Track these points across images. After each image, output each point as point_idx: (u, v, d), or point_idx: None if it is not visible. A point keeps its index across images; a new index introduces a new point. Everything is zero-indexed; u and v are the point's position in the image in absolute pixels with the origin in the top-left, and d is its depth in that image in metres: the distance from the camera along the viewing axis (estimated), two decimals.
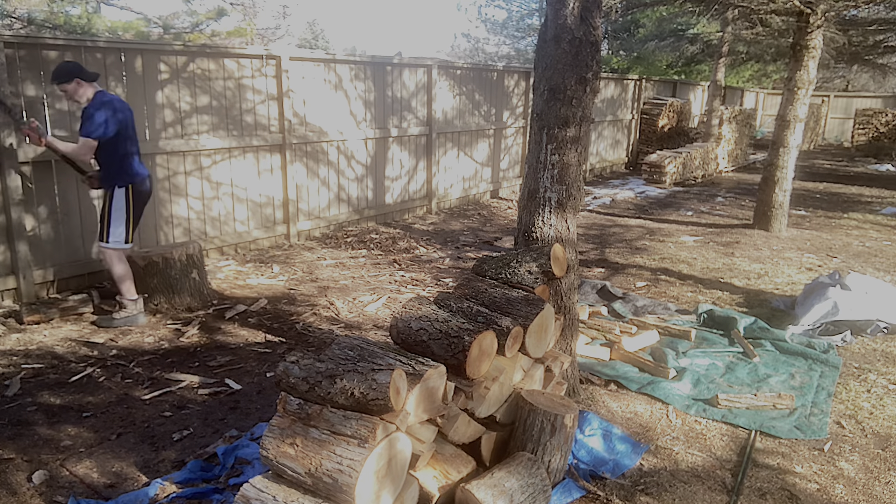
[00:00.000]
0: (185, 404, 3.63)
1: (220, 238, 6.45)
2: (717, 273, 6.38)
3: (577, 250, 3.61)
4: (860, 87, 26.92)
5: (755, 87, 23.73)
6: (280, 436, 2.23)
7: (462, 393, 2.61)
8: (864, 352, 4.57)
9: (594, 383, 3.93)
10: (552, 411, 2.73)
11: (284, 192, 6.98)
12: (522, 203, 3.57)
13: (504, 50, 30.86)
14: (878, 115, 19.12)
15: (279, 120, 6.81)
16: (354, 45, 55.03)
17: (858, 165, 16.09)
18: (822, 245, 7.70)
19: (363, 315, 5.10)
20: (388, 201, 8.44)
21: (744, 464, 3.15)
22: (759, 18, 9.15)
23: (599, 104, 12.85)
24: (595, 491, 2.87)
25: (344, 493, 2.08)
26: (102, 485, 2.88)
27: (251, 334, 4.66)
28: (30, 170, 4.99)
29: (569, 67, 3.26)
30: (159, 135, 5.83)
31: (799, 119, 7.86)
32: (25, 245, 4.98)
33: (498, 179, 10.56)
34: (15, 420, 3.41)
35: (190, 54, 5.98)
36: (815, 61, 7.71)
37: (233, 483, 2.84)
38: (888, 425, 3.58)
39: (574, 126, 3.35)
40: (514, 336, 2.73)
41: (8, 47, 4.77)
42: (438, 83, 8.86)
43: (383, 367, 2.18)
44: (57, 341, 4.41)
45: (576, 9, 3.19)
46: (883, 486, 3.03)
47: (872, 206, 10.39)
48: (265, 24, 23.82)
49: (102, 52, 5.33)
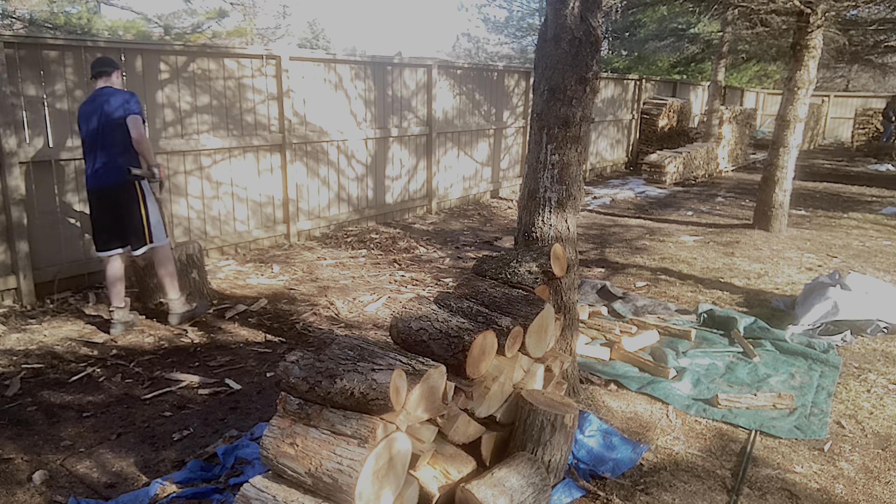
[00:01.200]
0: (185, 404, 3.63)
1: (221, 238, 6.45)
2: (717, 273, 6.38)
3: (577, 250, 3.61)
4: (860, 87, 26.92)
5: (755, 87, 23.75)
6: (280, 436, 2.23)
7: (462, 393, 2.61)
8: (864, 352, 4.57)
9: (594, 383, 3.93)
10: (552, 411, 2.73)
11: (284, 192, 6.98)
12: (522, 203, 3.57)
13: (504, 50, 30.87)
14: (878, 115, 19.10)
15: (279, 120, 6.81)
16: (355, 45, 55.08)
17: (858, 165, 16.09)
18: (822, 245, 7.70)
19: (363, 315, 5.10)
20: (388, 201, 8.44)
21: (744, 464, 3.15)
22: (760, 18, 9.14)
23: (599, 104, 12.85)
24: (595, 491, 2.87)
25: (344, 492, 2.08)
26: (102, 485, 2.88)
27: (251, 334, 4.66)
28: (30, 169, 4.99)
29: (569, 67, 3.26)
30: (160, 134, 5.83)
31: (799, 119, 7.86)
32: (26, 245, 4.98)
33: (498, 179, 10.56)
34: (15, 420, 3.41)
35: (190, 54, 5.98)
36: (816, 61, 7.71)
37: (233, 483, 2.84)
38: (888, 425, 3.58)
39: (574, 126, 3.35)
40: (514, 336, 2.73)
41: (8, 47, 4.77)
42: (439, 83, 8.86)
43: (383, 367, 2.18)
44: (57, 341, 4.41)
45: (576, 8, 3.19)
46: (883, 486, 3.03)
47: (872, 206, 10.38)
48: (265, 24, 23.81)
49: (103, 51, 5.33)
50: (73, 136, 5.21)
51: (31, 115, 4.98)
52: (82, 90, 5.24)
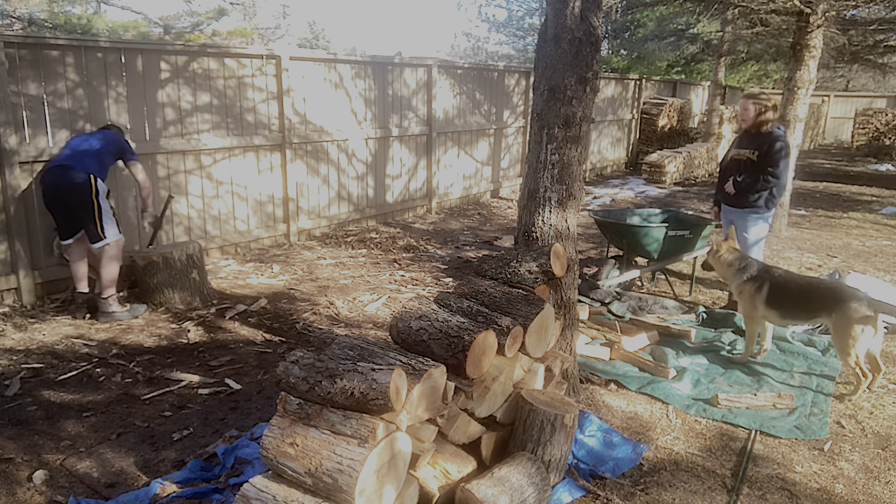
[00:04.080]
0: (185, 404, 3.63)
1: (222, 237, 6.45)
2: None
3: (577, 249, 3.61)
4: (860, 87, 26.91)
5: (755, 86, 23.72)
6: (280, 436, 2.23)
7: (462, 392, 2.61)
8: None
9: (594, 383, 3.93)
10: (552, 411, 2.73)
11: (285, 191, 6.98)
12: (522, 202, 3.57)
13: (504, 49, 30.85)
14: (878, 115, 19.10)
15: (279, 119, 6.81)
16: (354, 44, 55.03)
17: (858, 165, 16.09)
18: (822, 245, 7.70)
19: (363, 314, 5.10)
20: (388, 200, 8.44)
21: (744, 463, 3.15)
22: (759, 18, 9.14)
23: (600, 103, 12.85)
24: (595, 491, 2.87)
25: (344, 492, 2.08)
26: (102, 484, 2.88)
27: (251, 334, 4.66)
28: (31, 168, 4.99)
29: (569, 67, 3.26)
30: (160, 134, 5.83)
31: (799, 119, 7.86)
32: (26, 243, 4.98)
33: (498, 179, 10.56)
34: (15, 420, 3.41)
35: (190, 54, 5.98)
36: (816, 61, 7.71)
37: (233, 483, 2.84)
38: (888, 425, 3.58)
39: (574, 126, 3.35)
40: (515, 336, 2.73)
41: (9, 47, 4.77)
42: (439, 82, 8.86)
43: (383, 367, 2.18)
44: (57, 340, 4.41)
45: (576, 8, 3.19)
46: (883, 486, 3.03)
47: (872, 206, 10.38)
48: (265, 24, 23.83)
49: (103, 51, 5.33)
50: (73, 136, 5.21)
51: (32, 115, 4.98)
52: (82, 90, 5.24)
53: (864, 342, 3.76)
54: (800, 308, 4.06)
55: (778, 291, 4.12)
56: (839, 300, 3.84)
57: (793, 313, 4.10)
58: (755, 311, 4.20)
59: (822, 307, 3.92)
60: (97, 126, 5.27)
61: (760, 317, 4.22)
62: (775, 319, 4.21)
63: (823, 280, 4.81)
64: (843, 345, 3.79)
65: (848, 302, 3.79)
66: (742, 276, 4.29)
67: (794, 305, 4.07)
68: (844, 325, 3.77)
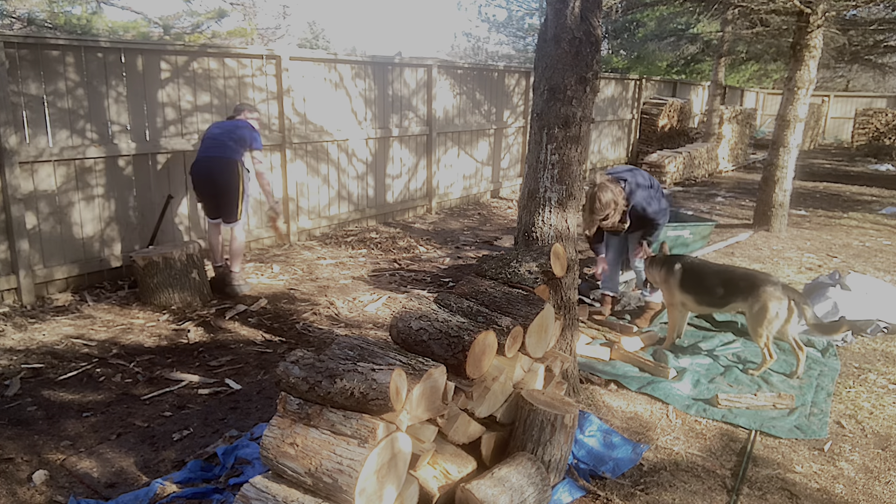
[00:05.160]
0: (185, 404, 3.63)
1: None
2: None
3: (577, 250, 3.61)
4: (860, 87, 26.91)
5: (755, 86, 23.73)
6: (280, 436, 2.23)
7: (462, 393, 2.61)
8: (864, 352, 4.58)
9: (594, 383, 3.94)
10: (552, 411, 2.73)
11: (284, 191, 6.98)
12: (522, 203, 3.57)
13: (504, 49, 30.84)
14: (878, 115, 19.11)
15: (279, 119, 6.81)
16: (354, 45, 55.00)
17: (858, 165, 16.09)
18: (822, 245, 7.70)
19: (363, 315, 5.10)
20: (388, 200, 8.44)
21: (744, 464, 3.15)
22: (759, 18, 9.14)
23: (600, 103, 12.85)
24: (595, 491, 2.87)
25: (344, 492, 2.08)
26: (102, 484, 2.88)
27: (251, 334, 4.66)
28: (31, 168, 4.99)
29: (569, 67, 3.26)
30: (160, 134, 5.83)
31: (799, 119, 7.86)
32: (26, 244, 4.98)
33: (498, 179, 10.56)
34: (15, 419, 3.41)
35: (190, 54, 5.98)
36: (816, 61, 7.71)
37: (233, 483, 2.84)
38: (888, 425, 3.58)
39: (574, 126, 3.35)
40: (515, 336, 2.73)
41: (9, 47, 4.77)
42: (439, 82, 8.86)
43: (383, 367, 2.18)
44: (57, 340, 4.41)
45: (576, 8, 3.19)
46: (883, 486, 3.03)
47: (872, 206, 10.38)
48: (265, 24, 23.79)
49: (103, 51, 5.33)
50: (73, 136, 5.21)
51: (32, 115, 4.98)
52: (83, 90, 5.24)
53: (776, 325, 3.98)
54: (715, 293, 4.21)
55: (692, 276, 4.32)
56: (754, 285, 4.04)
57: (708, 299, 4.27)
58: (673, 297, 4.39)
59: (737, 292, 4.11)
60: (97, 126, 5.27)
61: (679, 303, 4.39)
62: (692, 305, 4.37)
63: (738, 267, 4.98)
64: (757, 326, 4.01)
65: (763, 286, 4.00)
66: (659, 265, 4.50)
67: (710, 290, 4.24)
68: (759, 309, 3.98)
